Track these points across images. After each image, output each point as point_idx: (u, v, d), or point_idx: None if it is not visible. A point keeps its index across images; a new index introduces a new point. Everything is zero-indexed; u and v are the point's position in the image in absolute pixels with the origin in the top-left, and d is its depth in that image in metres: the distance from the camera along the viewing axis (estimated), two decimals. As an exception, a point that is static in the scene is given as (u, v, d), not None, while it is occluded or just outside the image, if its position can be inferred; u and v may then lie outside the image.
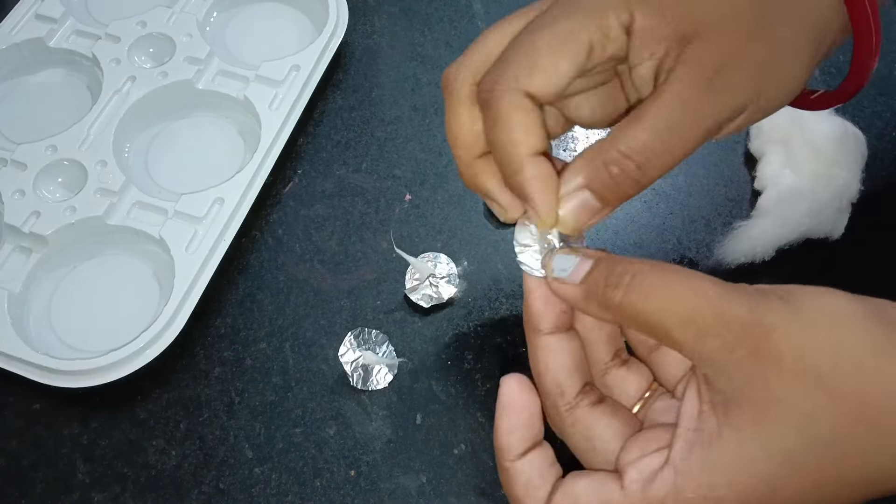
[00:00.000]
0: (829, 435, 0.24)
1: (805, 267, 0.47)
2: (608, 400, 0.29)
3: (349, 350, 0.43)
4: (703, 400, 0.26)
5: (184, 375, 0.43)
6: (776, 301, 0.25)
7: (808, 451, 0.24)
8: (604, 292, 0.27)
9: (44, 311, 0.44)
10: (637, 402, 0.30)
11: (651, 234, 0.48)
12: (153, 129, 0.51)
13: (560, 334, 0.29)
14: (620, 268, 0.27)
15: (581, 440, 0.29)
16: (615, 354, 0.31)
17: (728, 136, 0.30)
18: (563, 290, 0.28)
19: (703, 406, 0.26)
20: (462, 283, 0.46)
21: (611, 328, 0.31)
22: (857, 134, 0.48)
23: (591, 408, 0.28)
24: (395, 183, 0.50)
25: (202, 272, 0.44)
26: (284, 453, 0.41)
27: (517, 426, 0.28)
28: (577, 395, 0.29)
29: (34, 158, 0.47)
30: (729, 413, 0.25)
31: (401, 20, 0.58)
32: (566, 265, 0.28)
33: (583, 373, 0.29)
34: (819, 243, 0.47)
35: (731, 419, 0.25)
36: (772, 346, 0.24)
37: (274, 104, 0.49)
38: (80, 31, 0.53)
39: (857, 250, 0.48)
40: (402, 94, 0.54)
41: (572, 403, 0.28)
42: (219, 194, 0.46)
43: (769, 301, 0.25)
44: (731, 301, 0.25)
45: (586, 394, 0.29)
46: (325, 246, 0.48)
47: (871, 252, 0.48)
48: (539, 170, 0.28)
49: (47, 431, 0.42)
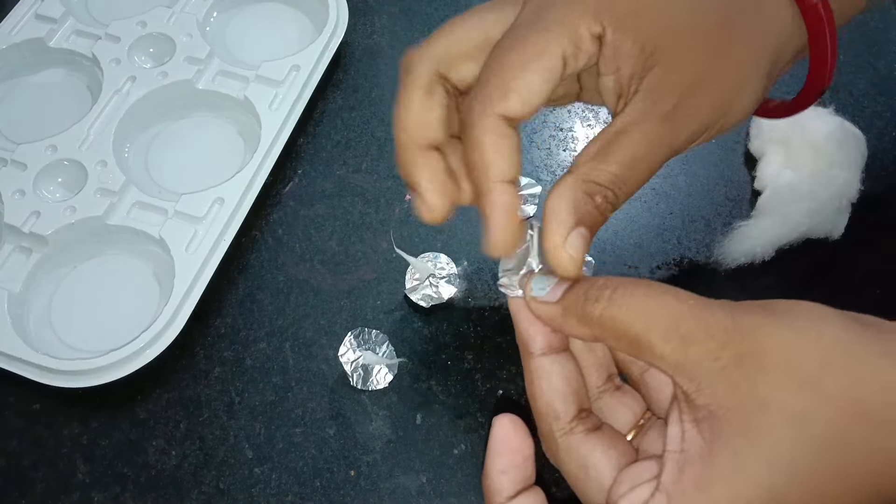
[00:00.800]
0: (823, 434, 0.23)
1: (805, 267, 0.47)
2: (605, 427, 0.29)
3: (349, 350, 0.43)
4: (685, 419, 0.25)
5: (184, 375, 0.43)
6: (758, 309, 0.25)
7: (805, 453, 0.24)
8: (583, 307, 0.27)
9: (44, 311, 0.44)
10: (631, 429, 0.30)
11: (651, 234, 0.48)
12: (153, 129, 0.51)
13: (552, 356, 0.29)
14: (600, 283, 0.27)
15: (575, 467, 0.28)
16: (607, 379, 0.30)
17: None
18: (541, 309, 0.28)
19: (686, 425, 0.25)
20: (462, 283, 0.46)
21: (602, 352, 0.30)
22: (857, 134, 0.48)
23: (586, 435, 0.28)
24: (396, 183, 0.50)
25: (202, 272, 0.44)
26: (284, 453, 0.41)
27: (510, 467, 0.28)
28: (572, 420, 0.28)
29: (34, 158, 0.47)
30: (715, 427, 0.24)
31: (401, 20, 0.58)
32: (544, 284, 0.28)
33: (578, 397, 0.28)
34: (819, 243, 0.47)
35: (719, 432, 0.24)
36: (756, 350, 0.24)
37: (274, 104, 0.49)
38: (80, 31, 0.53)
39: (857, 250, 0.48)
40: (402, 94, 0.54)
41: (566, 429, 0.28)
42: (219, 194, 0.46)
43: (751, 309, 0.25)
44: (713, 310, 0.25)
45: (582, 420, 0.28)
46: (325, 246, 0.48)
47: (871, 252, 0.48)
48: (502, 198, 0.29)
49: (47, 431, 0.42)
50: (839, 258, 0.47)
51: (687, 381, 0.25)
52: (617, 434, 0.29)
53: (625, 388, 0.31)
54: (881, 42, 0.57)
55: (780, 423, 0.24)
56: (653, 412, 0.30)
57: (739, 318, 0.24)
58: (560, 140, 0.52)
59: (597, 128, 0.53)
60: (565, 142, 0.52)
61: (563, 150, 0.52)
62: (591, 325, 0.27)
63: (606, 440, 0.28)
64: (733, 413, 0.24)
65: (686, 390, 0.25)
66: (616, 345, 0.27)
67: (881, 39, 0.57)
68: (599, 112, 0.53)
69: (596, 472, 0.27)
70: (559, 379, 0.28)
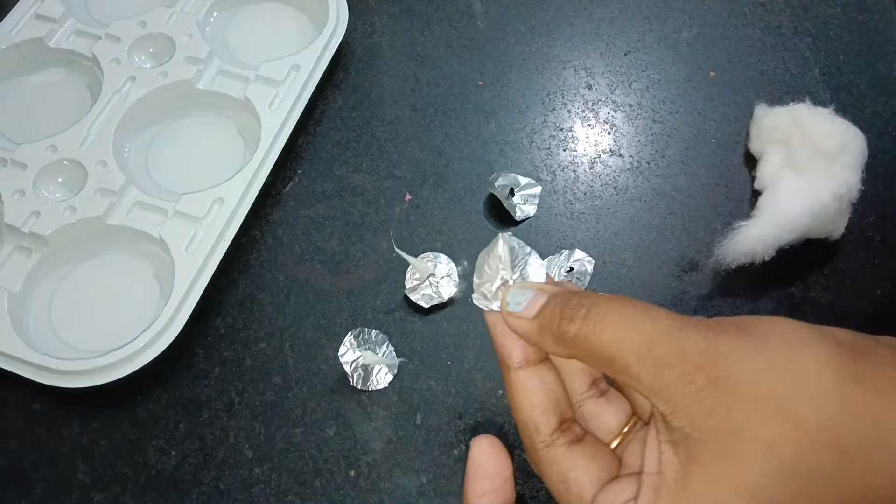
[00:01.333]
0: (794, 463, 0.23)
1: (805, 267, 0.47)
2: (587, 438, 0.28)
3: (349, 350, 0.43)
4: (662, 440, 0.25)
5: (184, 375, 0.43)
6: (732, 329, 0.25)
7: (775, 483, 0.23)
8: (559, 325, 0.26)
9: (44, 311, 0.44)
10: (616, 436, 0.29)
11: (651, 234, 0.48)
12: (153, 129, 0.51)
13: (530, 368, 0.28)
14: (576, 301, 0.26)
15: (556, 480, 0.28)
16: (592, 384, 0.30)
17: None
18: (517, 325, 0.28)
19: (663, 447, 0.25)
20: (462, 283, 0.46)
21: None
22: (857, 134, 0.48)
23: (567, 447, 0.28)
24: (395, 183, 0.50)
25: (202, 272, 0.44)
26: (284, 453, 0.41)
27: (488, 490, 0.28)
28: (553, 432, 0.28)
29: (34, 158, 0.47)
30: (691, 450, 0.24)
31: (401, 20, 0.58)
32: (520, 299, 0.28)
33: (559, 408, 0.28)
34: (819, 243, 0.47)
35: (694, 456, 0.24)
36: (730, 375, 0.24)
37: (274, 104, 0.49)
38: (80, 31, 0.53)
39: (857, 250, 0.48)
40: (402, 94, 0.54)
41: (548, 441, 0.28)
42: (219, 194, 0.46)
43: (725, 330, 0.24)
44: (687, 332, 0.24)
45: (563, 432, 0.28)
46: (325, 246, 0.48)
47: (871, 252, 0.48)
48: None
49: (47, 431, 0.42)
50: (839, 258, 0.47)
51: (663, 402, 0.25)
52: (599, 445, 0.29)
53: (610, 392, 0.30)
54: (881, 42, 0.57)
55: (752, 450, 0.23)
56: (638, 416, 0.30)
57: (713, 340, 0.24)
58: (560, 140, 0.52)
59: (597, 127, 0.53)
60: (565, 142, 0.52)
61: (563, 150, 0.52)
62: (567, 344, 0.26)
63: (588, 453, 0.28)
64: (707, 437, 0.24)
65: (662, 412, 0.25)
66: (592, 364, 0.27)
67: (881, 39, 0.57)
68: (599, 112, 0.54)
69: (577, 486, 0.27)
70: (538, 392, 0.28)
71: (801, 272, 0.47)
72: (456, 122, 0.53)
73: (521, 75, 0.55)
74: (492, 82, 0.55)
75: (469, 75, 0.55)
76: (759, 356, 0.24)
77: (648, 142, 0.52)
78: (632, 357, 0.25)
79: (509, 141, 0.52)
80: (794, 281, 0.46)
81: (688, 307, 0.45)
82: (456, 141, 0.52)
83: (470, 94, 0.54)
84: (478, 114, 0.53)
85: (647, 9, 0.59)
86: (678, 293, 0.46)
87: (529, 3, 0.59)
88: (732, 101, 0.54)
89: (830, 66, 0.55)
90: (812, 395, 0.23)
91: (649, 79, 0.55)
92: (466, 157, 0.51)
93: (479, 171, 0.51)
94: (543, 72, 0.55)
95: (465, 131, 0.52)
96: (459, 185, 0.50)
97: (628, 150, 0.52)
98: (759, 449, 0.23)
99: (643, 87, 0.55)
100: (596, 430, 0.30)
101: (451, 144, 0.52)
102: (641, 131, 0.53)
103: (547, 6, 0.59)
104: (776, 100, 0.52)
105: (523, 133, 0.52)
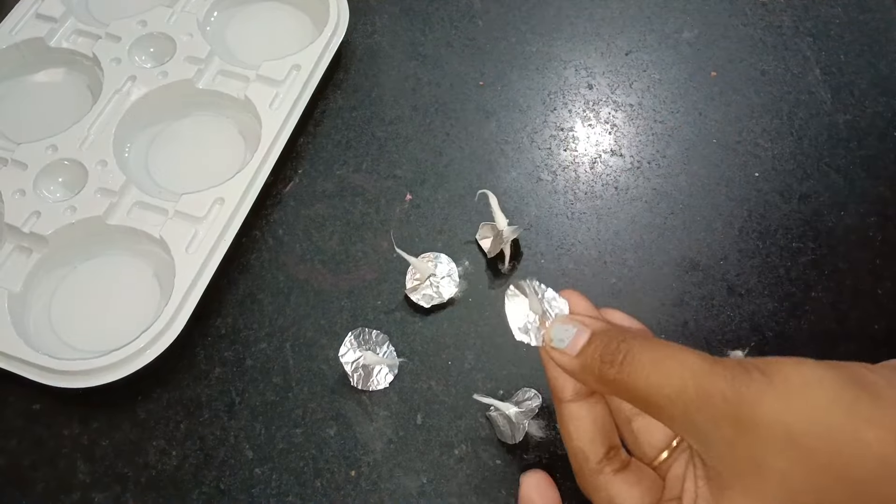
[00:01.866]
0: (804, 487, 0.25)
1: (805, 267, 0.47)
2: (632, 465, 0.31)
3: (350, 350, 0.43)
4: (698, 475, 0.28)
5: (184, 375, 0.43)
6: (755, 373, 0.26)
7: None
8: (600, 368, 0.29)
9: (44, 311, 0.44)
10: (664, 449, 0.32)
11: (652, 234, 0.48)
12: (153, 129, 0.51)
13: (581, 401, 0.31)
14: (614, 345, 0.29)
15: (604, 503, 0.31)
16: None
17: None
18: (561, 361, 0.31)
19: (699, 482, 0.28)
20: (462, 283, 0.46)
21: None
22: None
23: (614, 475, 0.30)
24: (396, 183, 0.50)
25: (202, 272, 0.44)
26: (285, 453, 0.41)
27: None
28: (601, 460, 0.31)
29: (34, 158, 0.47)
30: (722, 486, 0.27)
31: (401, 20, 0.58)
32: (564, 336, 0.31)
33: (606, 437, 0.31)
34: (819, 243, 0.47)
35: (724, 493, 0.27)
36: (752, 416, 0.25)
37: (274, 104, 0.49)
38: (80, 31, 0.53)
39: (857, 250, 0.47)
40: (402, 94, 0.54)
41: (596, 469, 0.31)
42: (219, 194, 0.46)
43: (749, 374, 0.26)
44: (714, 376, 0.26)
45: (610, 460, 0.31)
46: (325, 246, 0.48)
47: (871, 252, 0.48)
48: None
49: (47, 431, 0.42)
50: (839, 258, 0.47)
51: (695, 442, 0.27)
52: (644, 471, 0.31)
53: None
54: (882, 42, 0.57)
55: (770, 482, 0.26)
56: None
57: (738, 388, 0.26)
58: (560, 140, 0.52)
59: (598, 127, 0.53)
60: (566, 141, 0.52)
61: (564, 150, 0.52)
62: (607, 385, 0.29)
63: (633, 478, 0.31)
64: (733, 474, 0.26)
65: (696, 450, 0.28)
66: (633, 404, 0.29)
67: (882, 39, 0.57)
68: (599, 112, 0.53)
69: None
70: (588, 423, 0.31)
71: (801, 272, 0.47)
72: (456, 122, 0.53)
73: (521, 75, 0.55)
74: (492, 82, 0.55)
75: (470, 75, 0.55)
76: (777, 401, 0.26)
77: (649, 142, 0.52)
78: (665, 401, 0.27)
79: (510, 141, 0.52)
80: (794, 281, 0.46)
81: (688, 307, 0.45)
82: (456, 141, 0.52)
83: (471, 93, 0.54)
84: (478, 113, 0.53)
85: (649, 9, 0.59)
86: (679, 293, 0.46)
87: (530, 3, 0.59)
88: (733, 101, 0.54)
89: (831, 66, 0.55)
90: (823, 431, 0.25)
91: (650, 78, 0.55)
92: (467, 156, 0.51)
93: (479, 171, 0.51)
94: (544, 71, 0.55)
95: (466, 131, 0.52)
96: (460, 185, 0.50)
97: (629, 149, 0.52)
98: (774, 478, 0.25)
99: (644, 87, 0.55)
100: (645, 443, 0.32)
101: (452, 144, 0.52)
102: (642, 131, 0.53)
103: (548, 6, 0.59)
104: (777, 99, 0.52)
105: (524, 133, 0.52)
